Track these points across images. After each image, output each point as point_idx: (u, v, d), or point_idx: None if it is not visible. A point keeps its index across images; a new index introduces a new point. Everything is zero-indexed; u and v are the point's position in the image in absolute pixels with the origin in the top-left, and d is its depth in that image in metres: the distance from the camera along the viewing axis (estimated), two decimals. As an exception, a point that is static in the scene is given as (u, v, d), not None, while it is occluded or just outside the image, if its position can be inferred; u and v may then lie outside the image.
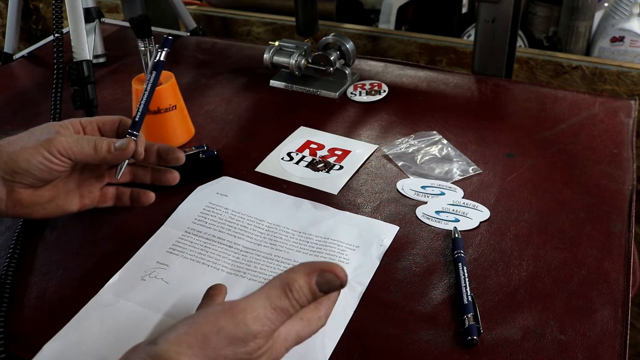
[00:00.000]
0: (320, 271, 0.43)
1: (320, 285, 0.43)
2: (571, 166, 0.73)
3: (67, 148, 0.57)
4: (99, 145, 0.58)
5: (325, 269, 0.43)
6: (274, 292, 0.42)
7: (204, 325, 0.40)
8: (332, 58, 0.90)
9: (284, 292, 0.42)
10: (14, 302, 0.57)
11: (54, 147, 0.56)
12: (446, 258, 0.60)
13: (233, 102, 0.90)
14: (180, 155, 0.63)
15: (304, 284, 0.42)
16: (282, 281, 0.42)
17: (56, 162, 0.56)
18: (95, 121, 0.62)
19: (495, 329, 0.52)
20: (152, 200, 0.63)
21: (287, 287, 0.42)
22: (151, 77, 0.65)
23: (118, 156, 0.59)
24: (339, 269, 0.43)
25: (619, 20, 1.18)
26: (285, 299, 0.42)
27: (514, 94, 0.90)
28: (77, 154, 0.57)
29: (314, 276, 0.43)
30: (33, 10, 1.57)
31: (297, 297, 0.42)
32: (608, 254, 0.60)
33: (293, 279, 0.42)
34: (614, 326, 0.52)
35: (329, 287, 0.43)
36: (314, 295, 0.43)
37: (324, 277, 0.43)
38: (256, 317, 0.40)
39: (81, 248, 0.64)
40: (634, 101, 0.85)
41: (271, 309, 0.41)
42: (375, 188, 0.71)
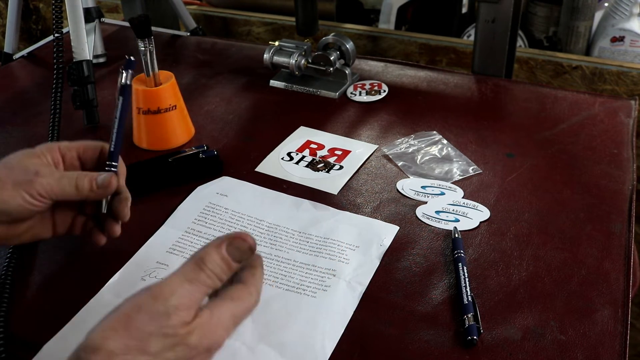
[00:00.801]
0: (229, 240, 0.44)
1: (231, 253, 0.44)
2: (571, 166, 0.73)
3: (49, 190, 0.54)
4: (80, 184, 0.55)
5: (233, 237, 0.45)
6: (188, 268, 0.43)
7: (125, 308, 0.41)
8: (332, 58, 0.90)
9: (197, 266, 0.43)
10: (14, 302, 0.57)
11: (35, 189, 0.53)
12: (446, 258, 0.60)
13: (233, 102, 0.90)
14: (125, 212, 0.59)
15: (215, 254, 0.44)
16: (195, 257, 0.44)
17: (36, 204, 0.54)
18: (75, 148, 0.59)
19: (495, 329, 0.52)
20: (101, 243, 0.60)
21: (200, 261, 0.43)
22: (119, 102, 0.60)
23: (100, 194, 0.57)
24: (246, 235, 0.45)
25: (619, 20, 1.18)
26: (200, 271, 0.43)
27: (514, 94, 0.90)
28: (59, 194, 0.55)
29: (224, 245, 0.44)
30: (33, 10, 1.57)
31: (211, 267, 0.43)
32: (608, 254, 0.60)
33: (205, 253, 0.44)
34: (614, 326, 0.52)
35: (240, 252, 0.45)
36: (228, 264, 0.44)
37: (233, 244, 0.44)
38: (173, 290, 0.41)
39: (81, 248, 0.64)
40: (634, 101, 0.85)
41: (187, 281, 0.42)
42: (375, 188, 0.71)
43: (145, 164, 0.74)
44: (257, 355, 0.50)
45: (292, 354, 0.50)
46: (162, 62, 0.77)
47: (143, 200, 0.69)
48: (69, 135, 0.81)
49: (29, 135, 0.84)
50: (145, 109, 0.76)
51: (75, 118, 0.85)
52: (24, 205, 0.53)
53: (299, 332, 0.52)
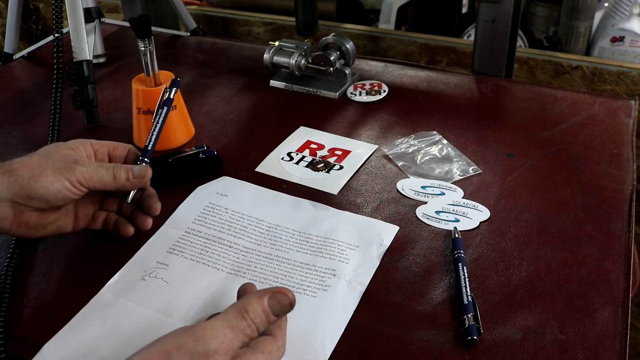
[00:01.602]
0: (271, 293, 0.47)
1: (272, 306, 0.46)
2: (571, 166, 0.73)
3: (87, 178, 0.57)
4: (117, 173, 0.59)
5: (276, 291, 0.47)
6: (231, 315, 0.45)
7: (167, 344, 0.43)
8: (332, 58, 0.90)
9: (240, 313, 0.45)
10: (14, 302, 0.57)
11: (75, 177, 0.57)
12: (446, 258, 0.60)
13: (233, 102, 0.90)
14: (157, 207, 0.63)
15: (257, 305, 0.46)
16: (238, 305, 0.46)
17: (74, 191, 0.57)
18: (107, 146, 0.63)
19: (495, 329, 0.52)
20: (130, 234, 0.63)
21: (243, 309, 0.46)
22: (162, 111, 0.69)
23: (136, 183, 0.61)
24: (287, 290, 0.47)
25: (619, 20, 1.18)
26: (242, 320, 0.45)
27: (514, 94, 0.90)
28: (96, 183, 0.58)
29: (266, 298, 0.46)
30: (33, 10, 1.57)
31: (252, 317, 0.45)
32: (608, 254, 0.60)
33: (248, 302, 0.46)
34: (614, 326, 0.52)
35: (280, 307, 0.47)
36: (267, 316, 0.46)
37: (275, 298, 0.47)
38: (215, 334, 0.43)
39: (81, 248, 0.64)
40: (634, 101, 0.85)
41: (229, 328, 0.44)
42: (375, 188, 0.71)
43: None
44: (257, 355, 0.50)
45: (292, 354, 0.50)
46: (162, 62, 0.78)
47: (143, 200, 0.70)
48: (69, 135, 0.81)
49: (29, 135, 0.84)
50: (146, 109, 0.76)
51: (75, 118, 0.85)
52: (62, 191, 0.56)
53: (299, 332, 0.52)
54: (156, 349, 0.43)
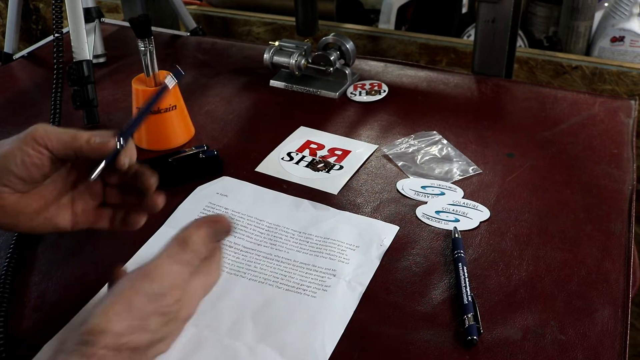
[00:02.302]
0: (208, 223, 0.49)
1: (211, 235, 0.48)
2: (571, 166, 0.73)
3: (44, 136, 0.53)
4: (77, 134, 0.54)
5: (212, 220, 0.49)
6: (174, 250, 0.47)
7: (125, 291, 0.44)
8: (332, 58, 0.90)
9: (181, 247, 0.47)
10: (14, 302, 0.57)
11: (30, 136, 0.53)
12: (446, 258, 0.60)
13: (233, 102, 0.90)
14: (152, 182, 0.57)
15: (196, 236, 0.48)
16: (178, 238, 0.47)
17: (31, 153, 0.53)
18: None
19: (495, 329, 0.52)
20: (142, 222, 0.58)
21: (184, 242, 0.47)
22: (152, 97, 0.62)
23: (96, 149, 0.54)
24: (222, 217, 0.50)
25: (619, 20, 1.18)
26: (184, 252, 0.47)
27: (514, 94, 0.90)
28: (54, 140, 0.53)
29: (204, 228, 0.48)
30: (33, 10, 1.57)
31: (195, 248, 0.47)
32: (608, 254, 0.60)
33: (187, 234, 0.48)
34: (614, 326, 0.52)
35: (218, 234, 0.49)
36: (206, 245, 0.48)
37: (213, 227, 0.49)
38: (165, 271, 0.45)
39: (81, 248, 0.64)
40: (634, 101, 0.85)
41: (175, 263, 0.46)
42: (375, 188, 0.71)
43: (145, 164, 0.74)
44: (257, 355, 0.50)
45: (292, 354, 0.50)
46: (162, 62, 0.77)
47: (143, 200, 0.69)
48: (69, 135, 0.81)
49: (29, 135, 0.83)
50: (145, 109, 0.76)
51: (75, 118, 0.85)
52: (19, 155, 0.52)
53: (299, 332, 0.52)
54: (117, 297, 0.43)
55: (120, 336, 0.41)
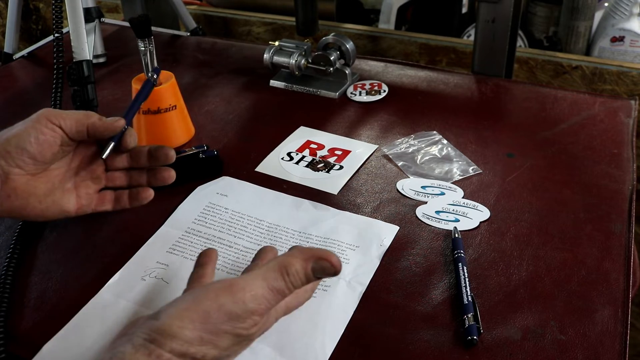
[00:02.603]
0: (317, 259, 0.45)
1: (315, 272, 0.45)
2: (571, 166, 0.73)
3: (57, 115, 0.57)
4: (89, 113, 0.59)
5: (322, 257, 0.45)
6: (272, 274, 0.44)
7: (205, 301, 0.42)
8: (332, 58, 0.90)
9: (280, 274, 0.45)
10: (14, 302, 0.57)
11: (43, 115, 0.57)
12: (446, 258, 0.60)
13: (233, 102, 0.90)
14: (170, 153, 0.63)
15: (300, 268, 0.45)
16: (280, 264, 0.45)
17: (45, 131, 0.57)
18: None
19: (495, 329, 0.52)
20: (151, 196, 0.63)
21: (285, 269, 0.45)
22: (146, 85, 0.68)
23: (108, 126, 0.60)
24: (335, 258, 0.46)
25: (619, 20, 1.18)
26: (282, 281, 0.44)
27: (514, 94, 0.90)
28: (67, 119, 0.58)
29: (311, 262, 0.45)
30: (33, 10, 1.57)
31: (293, 280, 0.45)
32: (608, 254, 0.60)
33: (290, 263, 0.45)
34: (614, 326, 0.52)
35: (323, 274, 0.46)
36: (309, 279, 0.46)
37: (320, 265, 0.45)
38: (254, 295, 0.43)
39: (81, 248, 0.64)
40: (634, 101, 0.85)
41: (268, 289, 0.44)
42: (375, 188, 0.71)
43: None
44: (257, 355, 0.50)
45: (292, 354, 0.50)
46: (162, 62, 0.78)
47: (143, 200, 0.69)
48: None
49: (29, 135, 0.83)
50: (145, 108, 0.76)
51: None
52: (34, 134, 0.56)
53: (299, 332, 0.52)
54: (195, 307, 0.42)
55: (190, 345, 0.41)
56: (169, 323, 0.41)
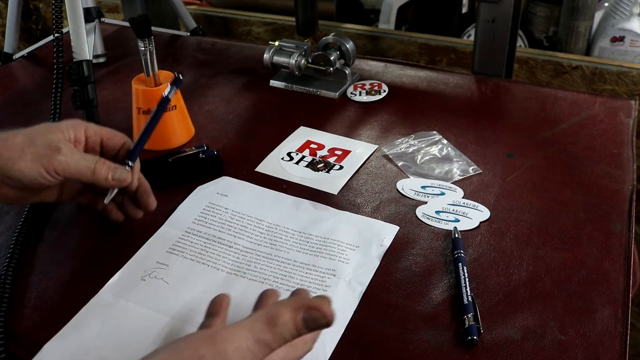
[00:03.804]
0: (307, 308, 0.42)
1: (306, 322, 0.42)
2: (571, 166, 0.73)
3: (65, 168, 0.56)
4: (98, 170, 0.57)
5: (313, 307, 0.42)
6: (258, 326, 0.41)
7: (185, 352, 0.39)
8: (332, 58, 0.90)
9: (267, 325, 0.41)
10: (14, 302, 0.57)
11: (52, 165, 0.55)
12: (446, 258, 0.60)
13: (233, 102, 0.90)
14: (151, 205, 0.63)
15: (289, 319, 0.41)
16: (268, 315, 0.42)
17: (49, 179, 0.56)
18: (101, 134, 0.61)
19: (495, 329, 0.52)
20: (121, 219, 0.64)
21: (272, 321, 0.41)
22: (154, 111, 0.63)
23: (113, 185, 0.59)
24: (327, 307, 0.42)
25: (619, 20, 1.18)
26: (269, 333, 0.41)
27: (514, 94, 0.90)
28: (74, 174, 0.57)
29: (300, 312, 0.41)
30: (33, 10, 1.57)
31: (281, 331, 0.41)
32: (608, 254, 0.60)
33: (278, 314, 0.41)
34: (614, 326, 0.52)
35: (315, 325, 0.42)
36: (299, 331, 0.42)
37: (311, 315, 0.41)
38: (237, 347, 0.40)
39: (81, 248, 0.64)
40: (634, 101, 0.85)
41: (253, 341, 0.40)
42: (375, 188, 0.71)
43: (145, 164, 0.74)
44: (257, 355, 0.50)
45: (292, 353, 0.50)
46: (162, 62, 0.77)
47: (143, 200, 0.69)
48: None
49: (29, 135, 0.83)
50: (145, 108, 0.76)
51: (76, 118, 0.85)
52: (37, 178, 0.56)
53: (299, 332, 0.52)
54: (173, 357, 0.39)
55: None
56: None
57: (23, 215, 0.66)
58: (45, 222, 0.67)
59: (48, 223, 0.67)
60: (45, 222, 0.67)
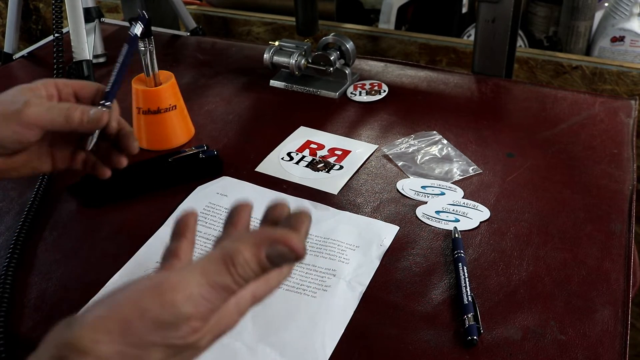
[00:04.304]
0: (270, 242, 0.36)
1: (271, 259, 0.36)
2: (571, 166, 0.73)
3: (37, 118, 0.54)
4: (70, 115, 0.55)
5: (277, 239, 0.36)
6: (213, 267, 0.35)
7: (125, 307, 0.34)
8: (332, 58, 0.90)
9: (225, 266, 0.35)
10: (14, 302, 0.57)
11: (23, 119, 0.53)
12: (446, 258, 0.60)
13: (233, 102, 0.90)
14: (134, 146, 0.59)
15: (250, 257, 0.35)
16: (224, 253, 0.35)
17: (26, 134, 0.54)
18: (72, 85, 0.59)
19: (495, 329, 0.52)
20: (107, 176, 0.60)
21: (230, 260, 0.35)
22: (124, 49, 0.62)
23: (90, 128, 0.56)
24: (294, 239, 0.36)
25: (619, 20, 1.18)
26: (227, 275, 0.35)
27: (514, 94, 0.90)
28: (48, 123, 0.54)
29: (264, 248, 0.35)
30: (33, 10, 1.57)
31: (242, 272, 0.35)
32: (608, 254, 0.60)
33: (237, 251, 0.35)
34: (614, 326, 0.52)
35: (282, 261, 0.36)
36: (264, 268, 0.36)
37: (276, 250, 0.35)
38: (189, 296, 0.34)
39: (81, 248, 0.64)
40: (634, 101, 0.85)
41: (208, 286, 0.34)
42: (375, 188, 0.71)
43: (145, 164, 0.74)
44: (257, 355, 0.50)
45: (292, 354, 0.50)
46: (162, 62, 0.77)
47: (143, 200, 0.70)
48: (69, 135, 0.81)
49: (29, 135, 0.83)
50: (145, 108, 0.76)
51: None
52: (13, 136, 0.53)
53: (299, 332, 0.52)
54: (113, 315, 0.33)
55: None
56: (81, 335, 0.32)
57: (23, 215, 0.66)
58: (45, 222, 0.67)
59: (48, 223, 0.67)
60: (45, 222, 0.67)
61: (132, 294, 0.34)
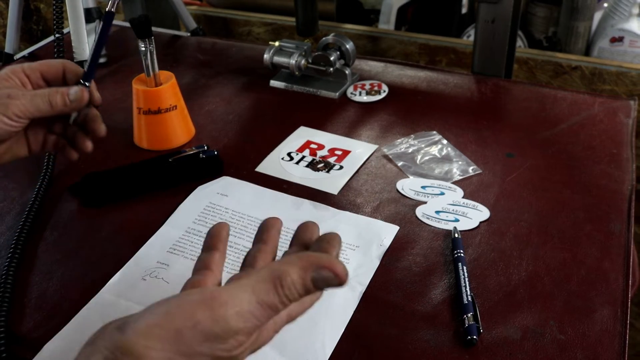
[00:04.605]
0: (317, 267, 0.38)
1: (316, 283, 0.38)
2: (571, 166, 0.73)
3: (24, 110, 0.56)
4: (53, 100, 0.58)
5: (324, 265, 0.38)
6: (262, 286, 0.37)
7: (178, 317, 0.35)
8: (332, 58, 0.91)
9: (273, 286, 0.37)
10: (15, 301, 0.57)
11: (11, 111, 0.56)
12: (446, 258, 0.60)
13: (233, 102, 0.90)
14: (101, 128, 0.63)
15: (297, 279, 0.37)
16: (273, 274, 0.37)
17: (14, 125, 0.56)
18: (38, 68, 0.61)
19: (495, 329, 0.53)
20: (74, 158, 0.63)
21: (278, 281, 0.37)
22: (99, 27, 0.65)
23: (73, 107, 0.60)
24: (339, 267, 0.38)
25: (618, 21, 1.18)
26: (275, 295, 0.37)
27: (513, 94, 0.90)
28: (34, 112, 0.57)
29: (310, 272, 0.38)
30: (34, 10, 1.57)
31: (288, 293, 0.37)
32: (608, 254, 0.60)
33: (285, 273, 0.37)
34: (613, 326, 0.52)
35: (326, 285, 0.38)
36: (308, 291, 0.38)
37: (321, 275, 0.38)
38: (239, 312, 0.36)
39: (81, 248, 0.64)
40: (634, 101, 0.85)
41: (257, 304, 0.36)
42: (375, 188, 0.71)
43: (145, 164, 0.74)
44: (256, 355, 0.50)
45: (292, 353, 0.50)
46: (162, 62, 0.78)
47: (143, 200, 0.70)
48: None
49: (29, 136, 0.84)
50: (146, 109, 0.76)
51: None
52: (2, 127, 0.56)
53: (299, 331, 0.52)
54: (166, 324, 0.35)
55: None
56: (134, 341, 0.34)
57: (24, 215, 0.66)
58: (46, 222, 0.67)
59: (49, 223, 0.67)
60: (46, 222, 0.67)
61: (184, 305, 0.36)
